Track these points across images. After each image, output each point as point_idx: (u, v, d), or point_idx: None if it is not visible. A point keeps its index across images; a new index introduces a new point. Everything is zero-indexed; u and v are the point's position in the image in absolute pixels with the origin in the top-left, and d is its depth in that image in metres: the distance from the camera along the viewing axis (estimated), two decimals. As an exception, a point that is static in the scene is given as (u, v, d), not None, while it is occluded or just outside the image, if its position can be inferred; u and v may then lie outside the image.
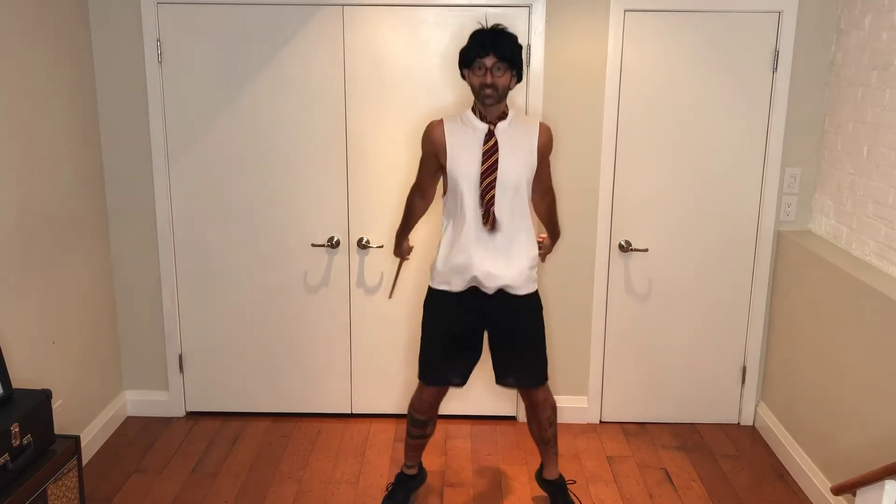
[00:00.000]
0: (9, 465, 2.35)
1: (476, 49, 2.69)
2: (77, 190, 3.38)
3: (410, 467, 3.15)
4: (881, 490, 2.10)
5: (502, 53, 2.67)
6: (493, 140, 2.74)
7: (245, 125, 3.57)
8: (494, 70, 2.68)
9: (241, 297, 3.76)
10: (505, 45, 2.68)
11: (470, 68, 2.73)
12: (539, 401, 2.98)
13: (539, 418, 3.01)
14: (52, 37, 3.16)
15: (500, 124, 2.77)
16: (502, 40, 2.69)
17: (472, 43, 2.72)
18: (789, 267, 3.54)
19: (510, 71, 2.72)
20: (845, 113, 3.34)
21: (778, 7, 3.42)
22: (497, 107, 2.75)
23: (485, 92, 2.69)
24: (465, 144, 2.76)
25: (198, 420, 3.86)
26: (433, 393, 2.99)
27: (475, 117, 2.79)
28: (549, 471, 3.12)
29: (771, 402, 3.73)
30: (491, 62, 2.67)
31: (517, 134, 2.78)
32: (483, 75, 2.68)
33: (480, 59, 2.68)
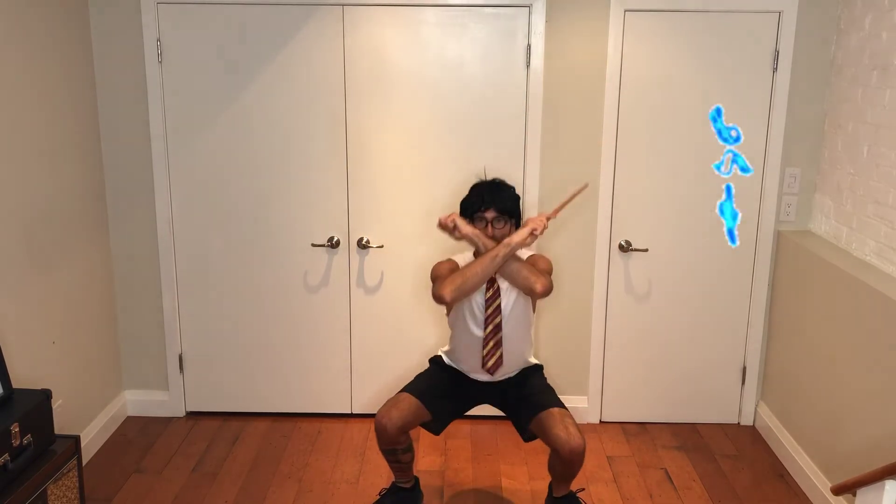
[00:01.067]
0: (9, 465, 2.35)
1: (477, 203, 2.80)
2: (77, 190, 3.38)
3: (404, 482, 3.08)
4: (881, 490, 2.10)
5: (502, 207, 2.79)
6: (495, 287, 2.81)
7: (245, 125, 3.57)
8: (495, 222, 2.79)
9: (241, 296, 3.76)
10: (504, 199, 2.80)
11: (471, 219, 2.82)
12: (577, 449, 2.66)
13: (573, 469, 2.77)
14: (51, 37, 3.16)
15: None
16: (501, 194, 2.81)
17: (473, 196, 2.83)
18: (789, 267, 3.54)
19: (510, 221, 2.82)
20: (845, 113, 3.34)
21: (778, 7, 3.42)
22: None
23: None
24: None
25: (198, 420, 3.86)
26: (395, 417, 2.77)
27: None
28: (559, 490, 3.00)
29: (771, 402, 3.73)
30: (491, 216, 2.79)
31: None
32: (484, 228, 2.78)
33: (481, 213, 2.79)
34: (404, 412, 2.79)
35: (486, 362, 2.86)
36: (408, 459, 2.95)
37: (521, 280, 2.73)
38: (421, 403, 2.84)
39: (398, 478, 3.04)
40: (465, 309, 2.85)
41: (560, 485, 2.94)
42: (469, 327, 2.86)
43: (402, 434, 2.82)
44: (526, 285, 2.72)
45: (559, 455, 2.71)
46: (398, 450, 2.87)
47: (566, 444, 2.65)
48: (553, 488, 2.99)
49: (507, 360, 2.89)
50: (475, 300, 2.83)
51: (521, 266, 2.74)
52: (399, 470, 2.99)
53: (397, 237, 3.67)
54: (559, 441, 2.67)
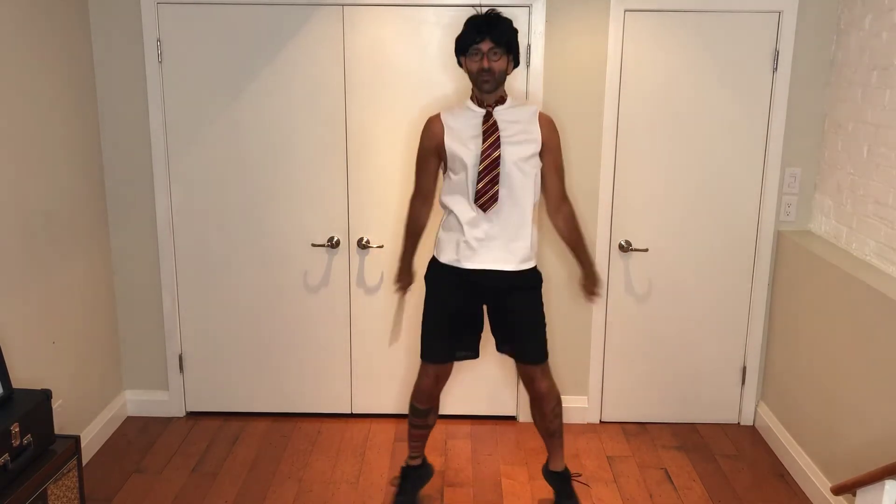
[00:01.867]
0: (9, 465, 2.35)
1: (472, 34, 2.70)
2: (77, 190, 3.38)
3: (414, 458, 3.14)
4: (881, 490, 2.10)
5: (498, 38, 2.69)
6: (492, 120, 2.75)
7: (245, 125, 3.57)
8: (491, 55, 2.69)
9: (241, 296, 3.76)
10: (501, 30, 2.69)
11: (466, 54, 2.75)
12: (543, 391, 2.95)
13: (543, 409, 2.99)
14: (52, 37, 3.16)
15: (497, 108, 2.79)
16: (498, 25, 2.70)
17: (468, 29, 2.73)
18: (789, 267, 3.54)
19: (507, 55, 2.73)
20: (845, 113, 3.34)
21: (778, 7, 3.42)
22: (495, 92, 2.77)
23: (482, 77, 2.71)
24: (465, 128, 2.78)
25: (198, 420, 3.86)
26: (431, 377, 2.94)
27: (473, 103, 2.82)
28: (555, 463, 3.11)
29: (771, 402, 3.73)
30: (487, 47, 2.69)
31: (516, 116, 2.80)
32: (480, 60, 2.70)
33: (476, 45, 2.70)
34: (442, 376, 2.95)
35: (479, 198, 2.74)
36: (433, 423, 3.08)
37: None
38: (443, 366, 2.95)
39: (413, 450, 3.10)
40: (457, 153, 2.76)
41: (552, 451, 3.08)
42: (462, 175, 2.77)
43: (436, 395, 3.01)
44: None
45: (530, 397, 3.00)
46: (432, 410, 3.02)
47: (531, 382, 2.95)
48: (549, 460, 3.11)
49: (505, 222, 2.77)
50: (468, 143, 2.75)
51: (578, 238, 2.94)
52: (420, 438, 3.09)
53: (397, 237, 3.67)
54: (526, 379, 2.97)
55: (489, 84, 2.72)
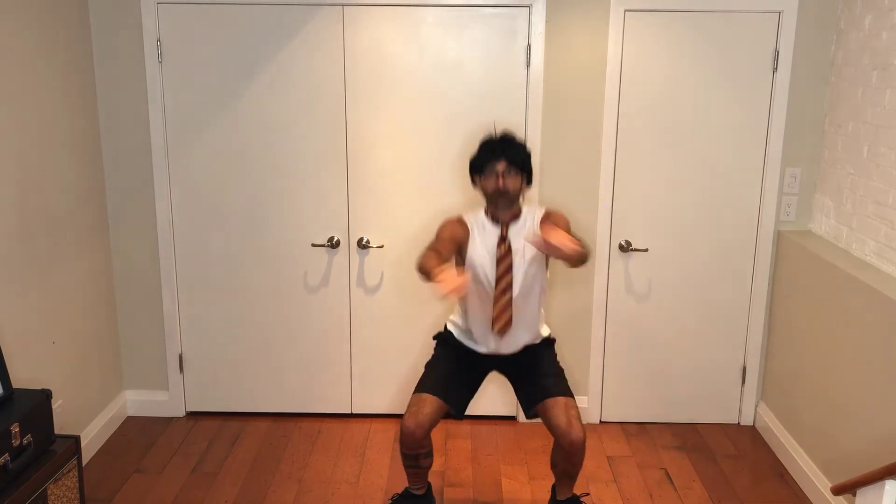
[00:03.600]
0: (9, 465, 2.35)
1: (487, 155, 2.76)
2: (77, 190, 3.38)
3: (418, 488, 3.03)
4: (881, 490, 2.10)
5: (513, 158, 2.75)
6: (506, 244, 2.79)
7: (245, 125, 3.57)
8: (506, 175, 2.75)
9: (241, 296, 3.76)
10: (515, 150, 2.76)
11: (482, 174, 2.79)
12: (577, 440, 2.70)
13: (573, 460, 2.79)
14: (52, 37, 3.16)
15: (512, 228, 2.81)
16: (512, 146, 2.77)
17: (483, 150, 2.79)
18: (789, 267, 3.54)
19: (521, 174, 2.78)
20: (845, 113, 3.34)
21: (778, 7, 3.42)
22: (510, 210, 2.81)
23: (498, 196, 2.76)
24: (482, 246, 2.81)
25: (198, 420, 3.86)
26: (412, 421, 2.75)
27: (488, 221, 2.84)
28: (563, 492, 3.00)
29: (771, 402, 3.73)
30: (502, 167, 2.74)
31: (527, 231, 2.82)
32: (495, 180, 2.75)
33: (492, 165, 2.75)
34: (429, 415, 2.77)
35: (495, 324, 2.81)
36: (427, 465, 2.92)
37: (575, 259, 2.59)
38: (441, 401, 2.81)
39: (412, 483, 2.99)
40: (476, 268, 2.80)
41: (563, 485, 2.93)
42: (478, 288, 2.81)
43: (427, 438, 2.80)
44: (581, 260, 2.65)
45: (559, 445, 2.74)
46: (421, 455, 2.85)
47: (566, 435, 2.68)
48: (556, 489, 2.97)
49: (518, 324, 2.84)
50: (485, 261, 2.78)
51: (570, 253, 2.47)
52: (416, 476, 2.95)
53: (397, 237, 3.67)
54: (559, 430, 2.70)
55: (504, 202, 2.77)
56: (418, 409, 2.77)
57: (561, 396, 2.78)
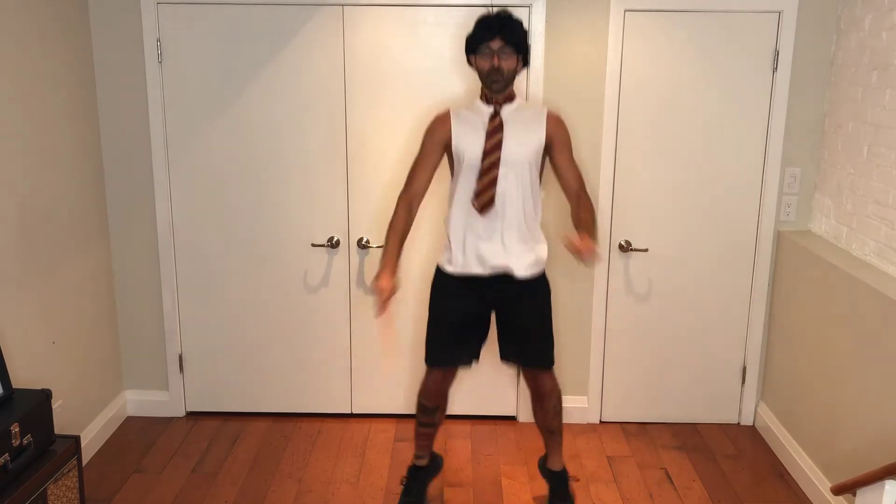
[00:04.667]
0: (9, 465, 2.35)
1: (483, 33, 2.71)
2: (77, 190, 3.38)
3: (421, 458, 3.12)
4: (881, 490, 2.10)
5: (509, 37, 2.69)
6: (498, 120, 2.76)
7: (245, 125, 3.57)
8: (501, 53, 2.70)
9: (241, 296, 3.76)
10: (511, 29, 2.70)
11: (476, 53, 2.75)
12: (546, 389, 2.96)
13: (545, 407, 2.99)
14: (52, 37, 3.16)
15: (506, 107, 2.79)
16: (508, 24, 2.71)
17: (479, 28, 2.74)
18: (789, 267, 3.54)
19: (516, 55, 2.74)
20: (845, 113, 3.34)
21: (778, 7, 3.42)
22: (504, 92, 2.78)
23: (492, 76, 2.72)
24: (472, 127, 2.79)
25: (198, 420, 3.86)
26: (438, 377, 2.96)
27: (482, 102, 2.82)
28: (553, 461, 3.11)
29: (771, 402, 3.73)
30: (497, 45, 2.69)
31: (523, 116, 2.81)
32: (490, 59, 2.71)
33: (487, 44, 2.71)
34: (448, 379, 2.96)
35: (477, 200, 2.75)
36: (440, 420, 3.07)
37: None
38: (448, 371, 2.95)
39: (419, 449, 3.09)
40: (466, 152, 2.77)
41: (551, 449, 3.07)
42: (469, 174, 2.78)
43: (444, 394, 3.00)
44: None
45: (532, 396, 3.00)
46: (440, 407, 3.01)
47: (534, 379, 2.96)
48: (547, 458, 3.10)
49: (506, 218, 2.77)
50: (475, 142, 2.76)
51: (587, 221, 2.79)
52: (427, 437, 3.08)
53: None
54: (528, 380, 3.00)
55: (499, 83, 2.73)
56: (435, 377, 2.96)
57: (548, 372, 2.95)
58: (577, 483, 3.33)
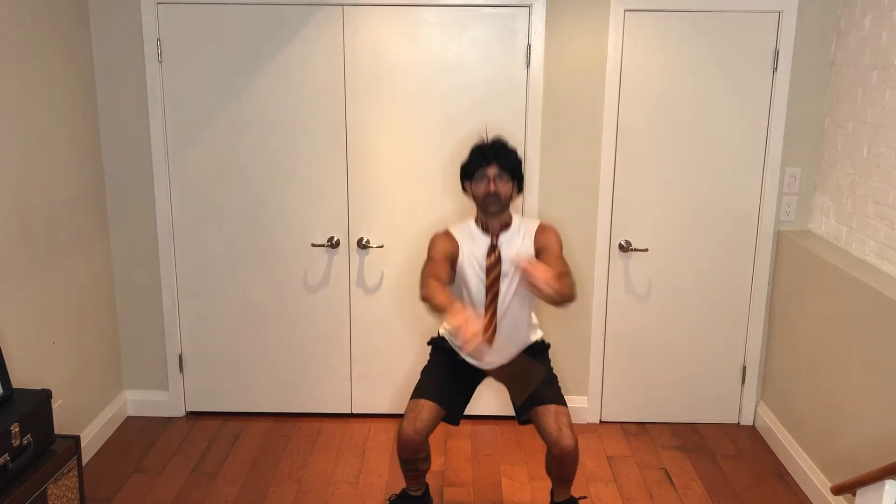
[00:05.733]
0: (9, 465, 2.35)
1: (478, 160, 2.76)
2: (77, 190, 3.38)
3: (416, 490, 3.04)
4: (881, 490, 2.10)
5: (504, 163, 2.75)
6: (496, 254, 2.77)
7: (245, 125, 3.57)
8: (497, 179, 2.74)
9: (240, 296, 3.76)
10: (506, 156, 2.76)
11: (472, 180, 2.78)
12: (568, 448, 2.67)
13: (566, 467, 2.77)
14: (52, 37, 3.16)
15: (502, 236, 2.80)
16: (503, 151, 2.77)
17: (474, 155, 2.79)
18: (789, 267, 3.54)
19: (512, 181, 2.78)
20: (845, 113, 3.34)
21: (778, 7, 3.42)
22: (500, 217, 2.79)
23: (488, 201, 2.74)
24: (472, 256, 2.80)
25: (198, 420, 3.86)
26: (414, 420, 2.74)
27: (478, 229, 2.83)
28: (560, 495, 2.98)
29: (771, 402, 3.73)
30: (493, 172, 2.74)
31: (517, 243, 2.81)
32: (486, 184, 2.74)
33: (484, 170, 2.75)
34: (426, 421, 2.75)
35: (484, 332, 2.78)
36: (425, 469, 2.93)
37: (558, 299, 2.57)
38: (438, 406, 2.79)
39: (410, 485, 3.00)
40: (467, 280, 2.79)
41: (560, 488, 2.92)
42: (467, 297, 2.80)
43: (426, 442, 2.80)
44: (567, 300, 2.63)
45: (551, 452, 2.73)
46: (419, 459, 2.85)
47: (556, 443, 2.66)
48: (554, 492, 2.97)
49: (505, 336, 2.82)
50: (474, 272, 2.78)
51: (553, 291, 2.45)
52: (414, 478, 2.96)
53: (397, 237, 3.67)
54: (550, 438, 2.68)
55: (495, 206, 2.75)
56: (416, 416, 2.76)
57: (552, 404, 2.74)
58: (577, 484, 3.32)
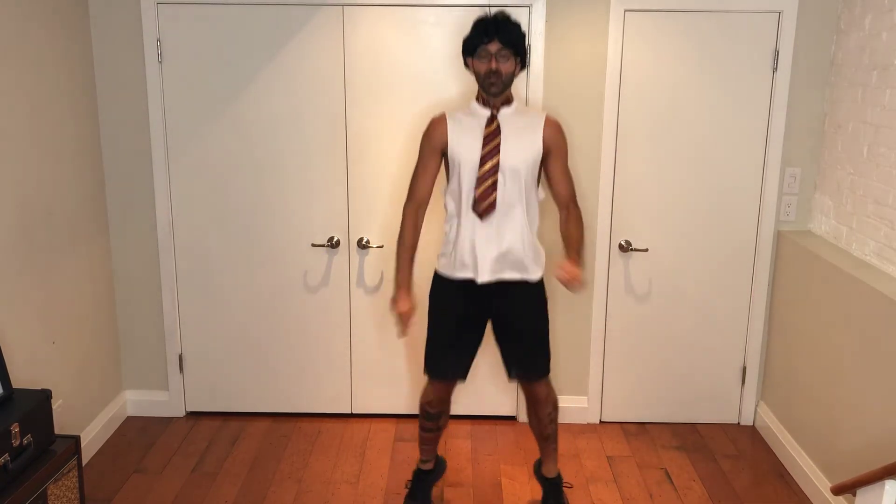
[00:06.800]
0: (9, 465, 2.35)
1: (480, 36, 2.68)
2: (77, 190, 3.38)
3: (426, 462, 3.11)
4: (881, 490, 2.10)
5: (507, 39, 2.66)
6: (496, 124, 2.73)
7: (245, 125, 3.57)
8: (499, 56, 2.67)
9: (240, 296, 3.76)
10: (509, 31, 2.67)
11: (474, 56, 2.72)
12: (540, 396, 2.94)
13: (539, 414, 2.98)
14: (52, 37, 3.16)
15: (503, 110, 2.77)
16: (506, 26, 2.67)
17: (476, 30, 2.70)
18: (789, 267, 3.54)
19: (514, 57, 2.70)
20: (845, 113, 3.34)
21: (778, 7, 3.42)
22: (502, 95, 2.75)
23: (490, 79, 2.68)
24: (468, 130, 2.76)
25: (198, 420, 3.86)
26: (441, 387, 2.95)
27: (479, 105, 2.79)
28: (548, 468, 3.10)
29: (771, 402, 3.73)
30: (495, 48, 2.66)
31: (521, 121, 2.77)
32: (488, 62, 2.67)
33: (484, 46, 2.67)
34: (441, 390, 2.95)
35: (478, 205, 2.72)
36: (445, 424, 3.06)
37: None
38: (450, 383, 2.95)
39: (424, 454, 3.07)
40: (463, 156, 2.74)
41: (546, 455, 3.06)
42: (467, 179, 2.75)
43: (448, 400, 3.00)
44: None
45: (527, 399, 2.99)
46: (444, 412, 3.01)
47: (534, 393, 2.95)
48: (542, 464, 3.08)
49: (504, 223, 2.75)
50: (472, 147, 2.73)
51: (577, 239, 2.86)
52: (431, 441, 3.06)
53: (397, 237, 3.67)
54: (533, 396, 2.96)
55: (496, 86, 2.69)
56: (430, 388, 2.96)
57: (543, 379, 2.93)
58: (577, 484, 3.33)
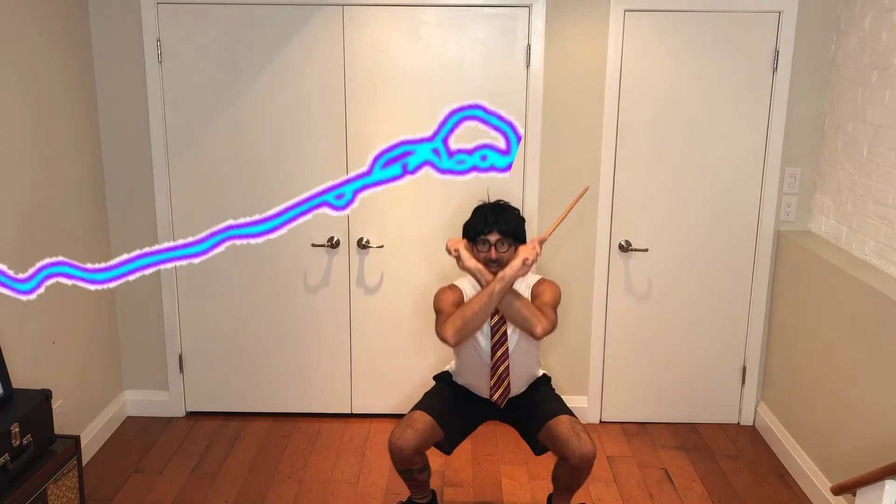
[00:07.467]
0: (9, 465, 2.35)
1: (480, 225, 2.74)
2: (77, 190, 3.38)
3: (421, 497, 3.00)
4: (881, 490, 2.10)
5: (506, 229, 2.73)
6: (500, 314, 2.75)
7: (245, 125, 3.57)
8: (498, 245, 2.73)
9: (241, 296, 3.76)
10: (507, 221, 2.74)
11: (474, 243, 2.77)
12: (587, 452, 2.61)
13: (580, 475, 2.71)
14: (52, 37, 3.16)
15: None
16: (505, 216, 2.75)
17: (476, 219, 2.77)
18: (789, 267, 3.54)
19: (514, 245, 2.76)
20: (845, 113, 3.34)
21: (778, 7, 3.42)
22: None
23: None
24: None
25: (198, 420, 3.86)
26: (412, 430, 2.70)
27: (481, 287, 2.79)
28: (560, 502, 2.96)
29: (771, 402, 3.73)
30: (495, 238, 2.73)
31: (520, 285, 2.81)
32: (487, 251, 2.73)
33: (484, 236, 2.73)
34: (419, 432, 2.70)
35: (493, 393, 2.81)
36: (424, 478, 2.89)
37: (520, 321, 2.66)
38: (435, 422, 2.75)
39: (414, 494, 2.98)
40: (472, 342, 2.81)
41: (563, 496, 2.88)
42: (475, 354, 2.82)
43: (418, 455, 2.73)
44: (525, 327, 2.65)
45: (568, 462, 2.65)
46: (414, 470, 2.81)
47: (577, 450, 2.60)
48: (553, 499, 2.94)
49: (515, 383, 2.85)
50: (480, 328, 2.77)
51: (521, 306, 2.66)
52: (415, 487, 2.92)
53: (397, 237, 3.67)
54: (569, 447, 2.61)
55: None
56: (407, 425, 2.72)
57: (563, 415, 2.72)
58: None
